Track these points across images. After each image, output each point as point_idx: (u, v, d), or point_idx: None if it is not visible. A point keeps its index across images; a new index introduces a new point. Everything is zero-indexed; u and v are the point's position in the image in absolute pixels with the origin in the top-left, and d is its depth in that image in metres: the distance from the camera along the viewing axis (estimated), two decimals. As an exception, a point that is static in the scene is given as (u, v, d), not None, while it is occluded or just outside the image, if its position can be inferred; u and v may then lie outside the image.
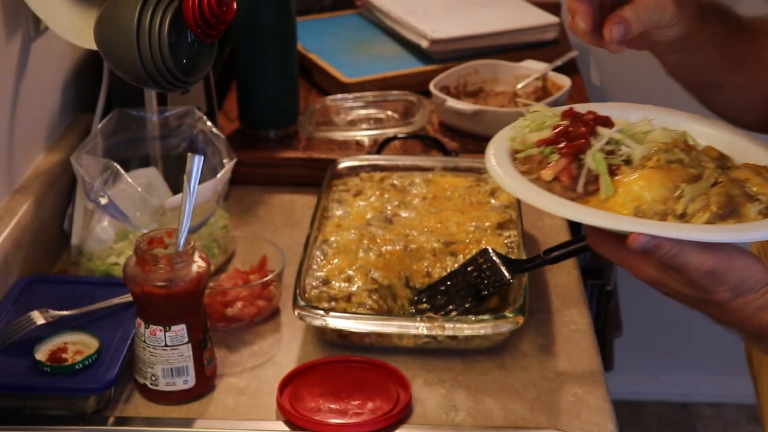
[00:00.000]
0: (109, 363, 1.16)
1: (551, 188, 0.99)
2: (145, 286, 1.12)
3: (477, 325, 1.20)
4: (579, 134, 1.02)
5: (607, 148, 1.01)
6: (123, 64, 1.34)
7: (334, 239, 1.35)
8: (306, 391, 1.17)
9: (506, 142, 1.06)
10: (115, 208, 1.30)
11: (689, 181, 0.98)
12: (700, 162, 1.01)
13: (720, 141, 1.09)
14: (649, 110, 1.12)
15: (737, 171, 1.01)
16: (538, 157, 1.02)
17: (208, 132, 1.43)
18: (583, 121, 1.03)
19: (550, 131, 1.04)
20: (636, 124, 1.06)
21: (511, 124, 1.09)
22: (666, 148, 1.01)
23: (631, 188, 0.98)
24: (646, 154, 1.01)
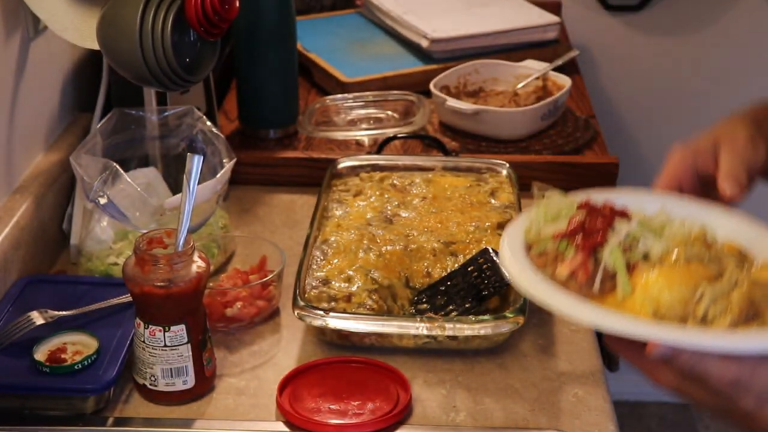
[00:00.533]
0: (108, 363, 1.16)
1: (567, 285, 0.95)
2: (145, 287, 1.12)
3: (477, 326, 1.20)
4: (596, 228, 0.98)
5: (624, 244, 0.97)
6: (126, 63, 1.34)
7: (334, 239, 1.35)
8: (306, 392, 1.17)
9: (521, 233, 1.02)
10: (115, 208, 1.30)
11: (710, 281, 0.94)
12: (720, 259, 0.97)
13: (740, 234, 1.04)
14: (666, 200, 1.06)
15: (759, 271, 0.97)
16: (553, 251, 0.98)
17: (207, 132, 1.43)
18: (600, 213, 1.00)
19: (565, 222, 1.00)
20: (654, 217, 1.02)
21: (526, 212, 1.05)
22: (685, 244, 0.98)
23: (650, 288, 0.94)
24: (665, 249, 0.97)
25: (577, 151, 1.69)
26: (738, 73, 2.47)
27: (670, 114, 2.52)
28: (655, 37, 2.44)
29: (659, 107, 2.51)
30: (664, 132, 2.54)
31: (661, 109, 2.52)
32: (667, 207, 1.04)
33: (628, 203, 1.04)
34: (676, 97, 2.51)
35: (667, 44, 2.45)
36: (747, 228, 1.04)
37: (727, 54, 2.45)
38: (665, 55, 2.46)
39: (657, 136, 2.54)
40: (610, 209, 1.00)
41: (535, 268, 0.97)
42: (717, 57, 2.45)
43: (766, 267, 0.98)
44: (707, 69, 2.47)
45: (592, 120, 1.80)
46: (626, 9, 2.41)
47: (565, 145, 1.70)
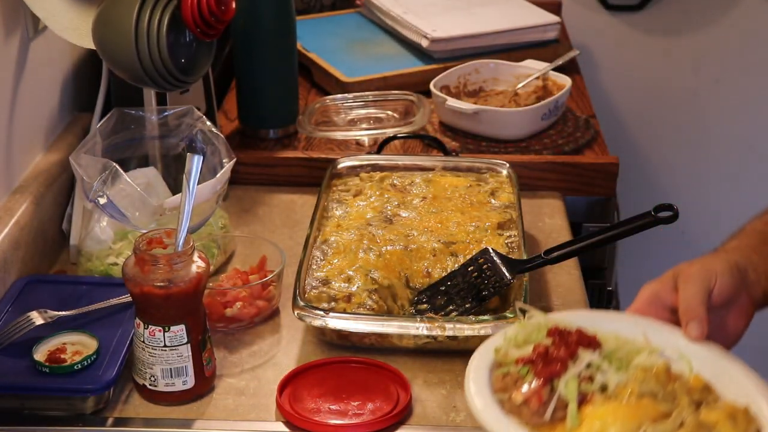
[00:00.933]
0: (108, 363, 1.16)
1: (520, 411, 0.98)
2: (144, 287, 1.11)
3: (477, 326, 1.20)
4: (557, 358, 1.01)
5: (585, 374, 1.00)
6: (121, 63, 1.34)
7: (334, 239, 1.35)
8: (306, 392, 1.17)
9: (491, 352, 1.06)
10: (114, 208, 1.30)
11: (656, 419, 0.97)
12: (674, 397, 1.00)
13: (710, 365, 1.06)
14: (650, 326, 1.09)
15: (710, 413, 0.99)
16: (515, 375, 1.01)
17: (207, 132, 1.43)
18: (566, 342, 1.03)
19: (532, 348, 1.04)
20: (622, 347, 1.05)
21: (502, 332, 1.09)
22: (642, 378, 1.00)
23: (595, 423, 0.96)
24: (622, 383, 1.00)
25: (578, 151, 1.69)
26: (738, 73, 2.46)
27: (670, 114, 2.52)
28: (655, 37, 2.44)
29: (659, 107, 2.51)
30: (664, 132, 2.54)
31: (661, 109, 2.52)
32: (648, 333, 1.07)
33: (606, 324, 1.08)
34: (677, 96, 2.51)
35: (667, 44, 2.45)
36: (721, 360, 1.07)
37: (727, 54, 2.45)
38: (665, 54, 2.46)
39: (657, 135, 2.54)
40: (577, 338, 1.03)
41: (496, 389, 1.01)
42: (717, 57, 2.45)
43: (720, 407, 1.00)
44: (707, 69, 2.47)
45: (592, 120, 1.80)
46: (626, 9, 2.41)
47: (565, 145, 1.70)
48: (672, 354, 1.06)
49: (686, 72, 2.48)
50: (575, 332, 1.04)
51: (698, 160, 2.56)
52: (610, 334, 1.06)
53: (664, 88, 2.50)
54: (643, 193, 2.51)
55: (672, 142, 2.55)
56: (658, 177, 2.58)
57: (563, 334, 1.04)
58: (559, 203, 1.62)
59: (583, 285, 1.42)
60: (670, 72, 2.48)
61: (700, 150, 2.55)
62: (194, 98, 1.58)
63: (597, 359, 1.02)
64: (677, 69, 2.47)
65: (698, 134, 2.53)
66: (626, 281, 2.30)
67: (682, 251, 2.65)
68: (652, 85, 2.50)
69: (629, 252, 2.41)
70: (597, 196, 1.65)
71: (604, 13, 2.42)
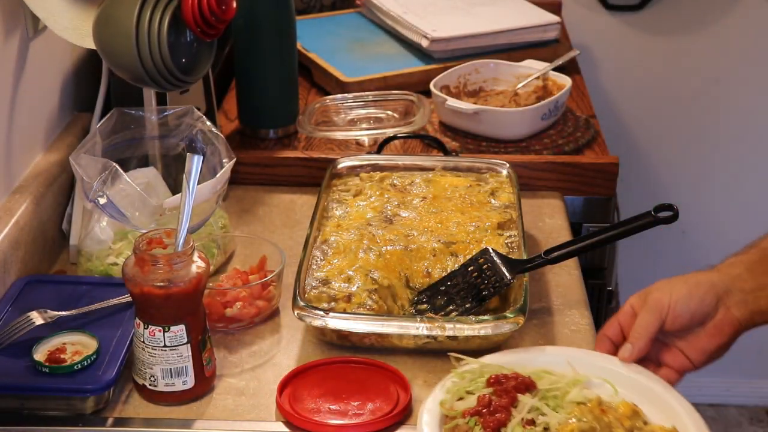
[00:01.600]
0: (107, 363, 1.16)
1: None
2: (144, 287, 1.11)
3: (477, 326, 1.20)
4: (500, 406, 1.07)
5: (527, 418, 1.06)
6: (122, 63, 1.34)
7: (334, 239, 1.35)
8: (305, 392, 1.17)
9: (438, 406, 1.10)
10: (114, 208, 1.30)
11: None
12: (610, 429, 1.07)
13: (635, 388, 1.14)
14: (571, 354, 1.19)
15: None
16: (464, 427, 1.06)
17: (207, 131, 1.42)
18: (506, 389, 1.08)
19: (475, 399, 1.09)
20: (554, 386, 1.11)
21: (442, 385, 1.13)
22: (580, 415, 1.06)
23: None
24: (562, 422, 1.06)
25: (578, 151, 1.69)
26: (738, 73, 2.47)
27: (670, 114, 2.52)
28: (655, 37, 2.44)
29: (659, 107, 2.51)
30: (664, 132, 2.54)
31: (661, 109, 2.52)
32: (573, 363, 1.16)
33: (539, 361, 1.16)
34: (677, 96, 2.51)
35: (667, 44, 2.45)
36: (648, 383, 1.16)
37: (727, 54, 2.45)
38: (665, 54, 2.46)
39: (657, 135, 2.54)
40: (515, 384, 1.09)
41: None
42: (717, 57, 2.45)
43: None
44: (707, 69, 2.47)
45: (592, 120, 1.80)
46: (626, 9, 2.41)
47: (565, 144, 1.70)
48: (597, 380, 1.14)
49: (686, 72, 2.48)
50: (512, 377, 1.10)
51: (698, 160, 2.56)
52: (541, 372, 1.13)
53: (664, 88, 2.51)
54: (643, 193, 2.51)
55: (672, 141, 2.55)
56: (658, 177, 2.58)
57: (502, 381, 1.10)
58: (559, 203, 1.62)
59: (583, 285, 1.42)
60: (670, 72, 2.48)
61: (701, 150, 2.55)
62: (194, 98, 1.58)
63: (536, 402, 1.08)
64: (677, 69, 2.47)
65: (698, 134, 2.54)
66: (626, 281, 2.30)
67: (682, 251, 2.67)
68: (652, 84, 2.50)
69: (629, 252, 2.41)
70: (597, 196, 1.65)
71: (604, 13, 2.42)
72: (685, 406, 1.12)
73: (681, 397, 1.14)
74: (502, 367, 1.13)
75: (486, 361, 1.15)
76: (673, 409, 1.12)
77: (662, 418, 1.11)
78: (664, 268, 2.68)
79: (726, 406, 2.80)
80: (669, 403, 1.13)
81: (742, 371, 2.79)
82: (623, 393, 1.13)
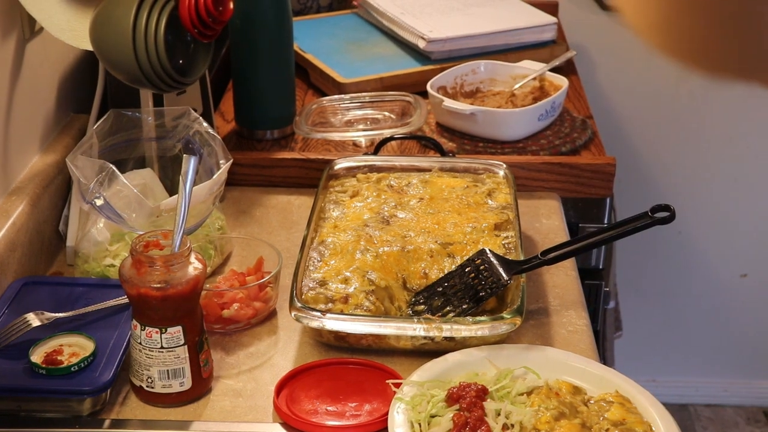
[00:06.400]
0: (105, 365, 1.16)
1: None
2: (141, 288, 1.12)
3: (474, 327, 1.20)
4: (477, 420, 1.06)
5: (501, 422, 1.07)
6: (119, 64, 1.34)
7: (331, 240, 1.35)
8: (303, 393, 1.17)
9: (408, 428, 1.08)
10: (111, 210, 1.30)
11: None
12: (573, 405, 1.09)
13: (557, 369, 1.18)
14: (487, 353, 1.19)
15: (611, 412, 1.10)
16: None
17: (204, 133, 1.43)
18: (470, 402, 1.08)
19: (448, 423, 1.07)
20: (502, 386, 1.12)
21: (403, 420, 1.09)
22: (542, 404, 1.09)
23: None
24: (532, 415, 1.08)
25: (575, 152, 1.69)
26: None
27: (667, 114, 2.52)
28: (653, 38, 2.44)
29: (656, 107, 2.52)
30: (661, 132, 2.54)
31: (658, 109, 2.52)
32: (492, 359, 1.18)
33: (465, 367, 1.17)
34: (674, 97, 2.51)
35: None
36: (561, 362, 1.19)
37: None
38: (663, 55, 2.45)
39: (654, 136, 2.55)
40: (475, 393, 1.09)
41: None
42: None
43: (613, 403, 1.11)
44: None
45: (589, 120, 1.80)
46: (623, 9, 2.41)
47: (562, 145, 1.70)
48: (519, 371, 1.16)
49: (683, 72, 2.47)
50: (468, 387, 1.10)
51: (695, 160, 2.56)
52: (473, 375, 1.15)
53: (661, 89, 2.51)
54: (640, 194, 2.51)
55: (669, 142, 2.55)
56: (655, 177, 2.58)
57: (462, 395, 1.09)
58: (556, 204, 1.62)
59: (580, 286, 1.42)
60: (668, 72, 2.48)
61: (698, 150, 2.55)
62: (191, 99, 1.58)
63: (503, 405, 1.09)
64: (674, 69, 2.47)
65: (696, 134, 2.54)
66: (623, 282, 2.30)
67: (679, 251, 2.67)
68: (649, 85, 2.50)
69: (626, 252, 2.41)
70: (594, 197, 1.65)
71: (601, 14, 2.43)
72: (614, 373, 1.16)
73: (604, 366, 1.18)
74: (440, 380, 1.14)
75: (419, 379, 1.15)
76: (605, 378, 1.15)
77: (599, 389, 1.14)
78: (661, 268, 2.69)
79: (723, 406, 2.81)
80: (597, 374, 1.16)
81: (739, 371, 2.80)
82: (548, 375, 1.15)
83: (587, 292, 1.43)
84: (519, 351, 1.21)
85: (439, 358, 1.19)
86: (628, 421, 1.09)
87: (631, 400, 1.13)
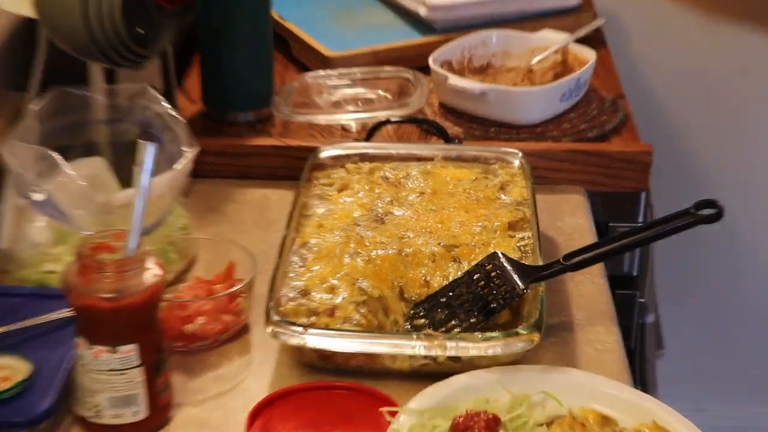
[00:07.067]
0: (43, 391, 1.16)
1: None
2: (88, 299, 1.12)
3: (484, 344, 1.20)
4: None
5: None
6: (64, 32, 1.35)
7: (315, 242, 1.36)
8: (280, 425, 1.17)
9: None
10: (53, 206, 1.31)
11: None
12: None
13: (582, 396, 1.19)
14: (500, 377, 1.21)
15: None
16: None
17: (164, 115, 1.43)
18: None
19: None
20: (516, 415, 1.13)
21: None
22: None
23: None
24: None
25: (603, 138, 1.71)
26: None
27: (713, 96, 2.52)
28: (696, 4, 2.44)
29: (700, 87, 2.52)
30: (706, 117, 2.54)
31: (702, 90, 2.52)
32: (505, 385, 1.19)
33: (475, 393, 1.18)
34: (721, 76, 2.51)
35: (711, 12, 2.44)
36: (585, 388, 1.20)
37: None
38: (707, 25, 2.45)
39: (698, 120, 2.55)
40: (485, 422, 1.10)
41: None
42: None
43: None
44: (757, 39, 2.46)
45: (620, 101, 1.81)
46: (662, -31, 2.42)
47: (588, 130, 1.71)
48: (537, 397, 1.17)
49: (730, 47, 2.47)
50: (477, 416, 1.11)
51: (747, 149, 2.57)
52: (483, 401, 1.16)
53: (707, 65, 2.51)
54: (682, 188, 2.51)
55: (715, 128, 2.55)
56: (698, 169, 2.59)
57: (471, 425, 1.10)
58: (582, 199, 1.63)
59: (610, 296, 1.43)
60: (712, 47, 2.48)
61: (748, 138, 2.55)
62: (149, 75, 1.59)
63: None
64: (720, 43, 2.47)
65: (746, 120, 2.54)
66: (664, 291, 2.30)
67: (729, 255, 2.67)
68: (692, 61, 2.50)
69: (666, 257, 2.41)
70: (626, 191, 1.67)
71: (636, -25, 2.43)
72: (652, 400, 1.18)
73: (639, 392, 1.20)
74: (444, 408, 1.15)
75: (416, 408, 1.15)
76: (640, 406, 1.17)
77: (633, 419, 1.16)
78: (706, 275, 2.69)
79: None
80: (631, 401, 1.18)
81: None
82: (572, 402, 1.17)
83: (619, 303, 1.44)
84: (537, 373, 1.22)
85: (443, 382, 1.20)
86: None
87: None
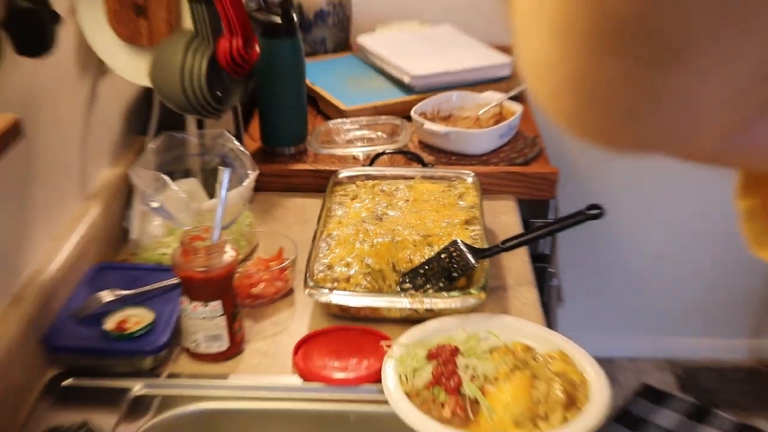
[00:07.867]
0: (161, 331, 1.17)
1: (452, 421, 1.01)
2: (188, 272, 1.12)
3: (449, 300, 1.20)
4: (450, 373, 1.05)
5: (469, 374, 1.05)
6: (170, 96, 1.34)
7: (336, 233, 1.35)
8: (315, 352, 1.17)
9: (399, 386, 1.06)
10: (164, 211, 1.30)
11: (533, 384, 1.04)
12: (526, 363, 1.07)
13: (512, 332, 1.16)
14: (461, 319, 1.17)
15: (554, 365, 1.08)
16: (431, 396, 1.04)
17: (236, 150, 1.42)
18: (445, 359, 1.06)
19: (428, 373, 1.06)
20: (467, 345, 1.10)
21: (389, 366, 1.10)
22: (503, 360, 1.06)
23: (503, 402, 1.01)
24: (492, 368, 1.06)
25: (526, 164, 1.68)
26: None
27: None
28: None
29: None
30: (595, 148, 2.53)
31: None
32: (464, 325, 1.15)
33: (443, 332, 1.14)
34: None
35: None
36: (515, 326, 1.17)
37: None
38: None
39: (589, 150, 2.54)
40: (449, 352, 1.07)
41: (422, 411, 1.02)
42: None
43: (556, 358, 1.09)
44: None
45: (537, 139, 1.79)
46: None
47: (516, 158, 1.69)
48: (483, 334, 1.13)
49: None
50: (443, 348, 1.08)
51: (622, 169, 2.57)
52: (449, 338, 1.12)
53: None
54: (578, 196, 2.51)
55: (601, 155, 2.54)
56: (589, 183, 2.59)
57: (439, 353, 1.07)
58: (513, 204, 1.61)
59: (531, 268, 1.41)
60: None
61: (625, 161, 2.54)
62: (226, 123, 1.57)
63: (471, 361, 1.07)
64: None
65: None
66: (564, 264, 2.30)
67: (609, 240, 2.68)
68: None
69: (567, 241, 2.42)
70: (541, 199, 1.65)
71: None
72: (557, 335, 1.14)
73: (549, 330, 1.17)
74: (422, 342, 1.13)
75: (405, 341, 1.13)
76: (550, 339, 1.14)
77: (545, 348, 1.13)
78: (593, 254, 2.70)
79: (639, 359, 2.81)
80: (544, 336, 1.15)
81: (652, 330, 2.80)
82: (506, 337, 1.14)
83: (537, 273, 1.43)
84: (483, 319, 1.20)
85: (421, 325, 1.18)
86: (567, 372, 1.09)
87: (570, 356, 1.12)
